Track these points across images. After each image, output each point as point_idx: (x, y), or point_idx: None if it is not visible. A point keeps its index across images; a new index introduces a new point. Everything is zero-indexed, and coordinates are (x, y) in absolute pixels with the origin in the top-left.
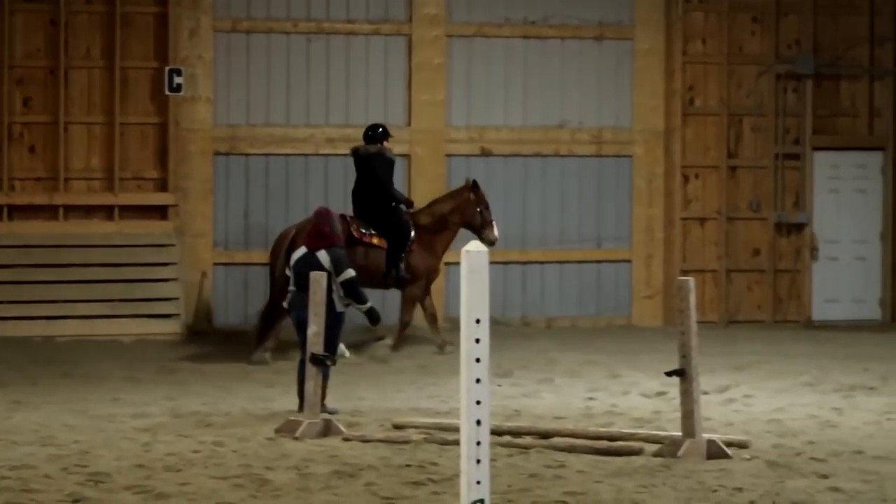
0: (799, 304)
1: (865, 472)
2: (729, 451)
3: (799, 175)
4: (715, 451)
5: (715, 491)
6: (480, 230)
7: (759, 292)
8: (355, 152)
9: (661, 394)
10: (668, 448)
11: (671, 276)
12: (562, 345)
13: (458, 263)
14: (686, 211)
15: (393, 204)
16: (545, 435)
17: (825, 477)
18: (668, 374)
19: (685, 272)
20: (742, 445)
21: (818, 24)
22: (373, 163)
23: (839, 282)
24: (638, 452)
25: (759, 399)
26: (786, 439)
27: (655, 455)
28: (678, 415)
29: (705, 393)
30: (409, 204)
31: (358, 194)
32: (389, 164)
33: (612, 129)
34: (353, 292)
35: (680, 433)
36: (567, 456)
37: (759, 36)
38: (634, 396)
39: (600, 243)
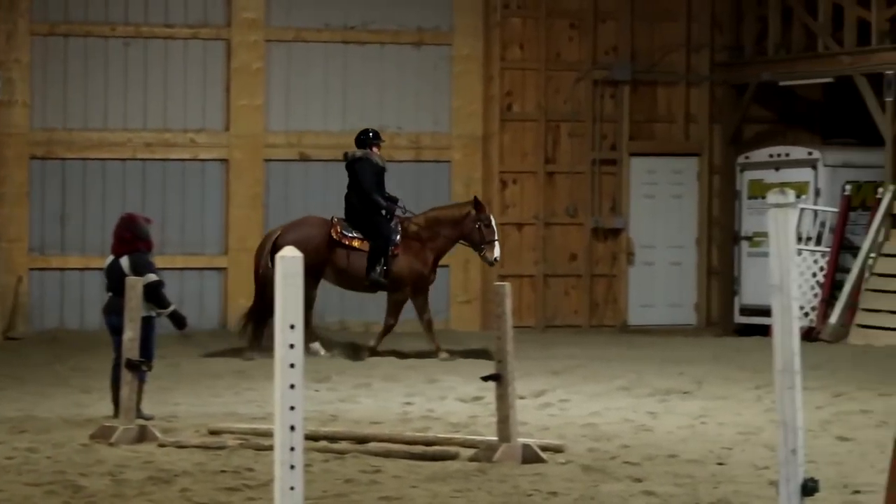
0: (615, 309)
1: (679, 475)
2: (544, 455)
3: (615, 180)
4: (530, 456)
5: (530, 495)
6: (478, 247)
7: (576, 297)
8: (345, 156)
9: (477, 398)
10: (484, 453)
11: (489, 281)
12: (380, 349)
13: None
14: (504, 216)
15: (375, 209)
16: (361, 440)
17: (639, 481)
18: (485, 378)
19: (502, 277)
20: (557, 450)
21: (635, 31)
22: (356, 167)
23: (655, 286)
24: (454, 457)
25: (575, 403)
26: (601, 443)
27: (471, 460)
28: (494, 419)
29: (521, 397)
30: (390, 210)
31: (347, 198)
32: (374, 169)
33: (430, 134)
34: (154, 296)
35: (496, 438)
36: (383, 461)
37: (576, 42)
38: (451, 401)
39: None
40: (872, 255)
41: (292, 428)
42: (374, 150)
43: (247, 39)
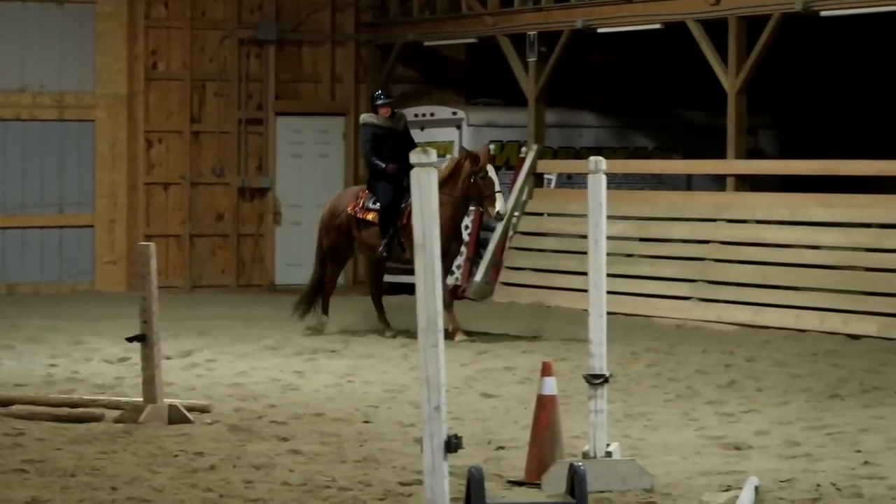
0: (262, 269)
1: (325, 434)
2: (191, 415)
3: (262, 140)
4: (176, 417)
5: (176, 456)
6: (479, 202)
7: (223, 257)
8: None
9: (123, 360)
10: (130, 414)
11: (134, 242)
12: (24, 311)
13: None
14: (150, 176)
15: (373, 174)
16: (5, 403)
17: (286, 440)
18: (130, 339)
19: (149, 237)
20: (204, 410)
21: None
22: (360, 132)
23: (302, 246)
24: (99, 419)
25: (222, 363)
26: (248, 403)
27: (117, 421)
28: (140, 381)
29: (168, 358)
30: (390, 174)
31: None
32: (373, 131)
33: (74, 93)
34: None
35: (141, 399)
36: (27, 423)
37: (221, 1)
38: (97, 363)
39: (63, 208)
40: (517, 213)
41: None
42: (382, 112)
43: None
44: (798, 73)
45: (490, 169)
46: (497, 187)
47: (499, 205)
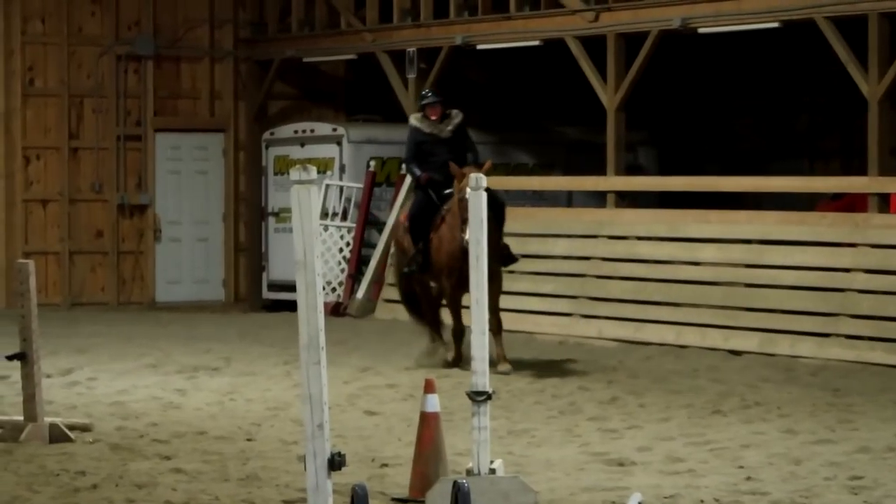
0: (143, 286)
1: (208, 452)
2: (72, 434)
3: (141, 156)
4: (58, 435)
5: (57, 475)
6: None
7: (103, 274)
8: None
9: (3, 378)
10: (10, 432)
11: (13, 259)
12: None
13: None
14: (28, 192)
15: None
16: None
17: (168, 458)
18: (10, 357)
19: (27, 254)
20: (85, 428)
21: (157, 6)
22: None
23: (182, 263)
24: None
25: (103, 381)
26: (129, 421)
27: None
28: (20, 399)
29: (48, 376)
30: (418, 180)
31: None
32: (415, 136)
33: None
34: None
35: (22, 417)
36: None
37: (99, 17)
38: None
39: None
40: None
41: None
42: (429, 112)
43: None
44: (676, 91)
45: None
46: (466, 213)
47: (467, 231)
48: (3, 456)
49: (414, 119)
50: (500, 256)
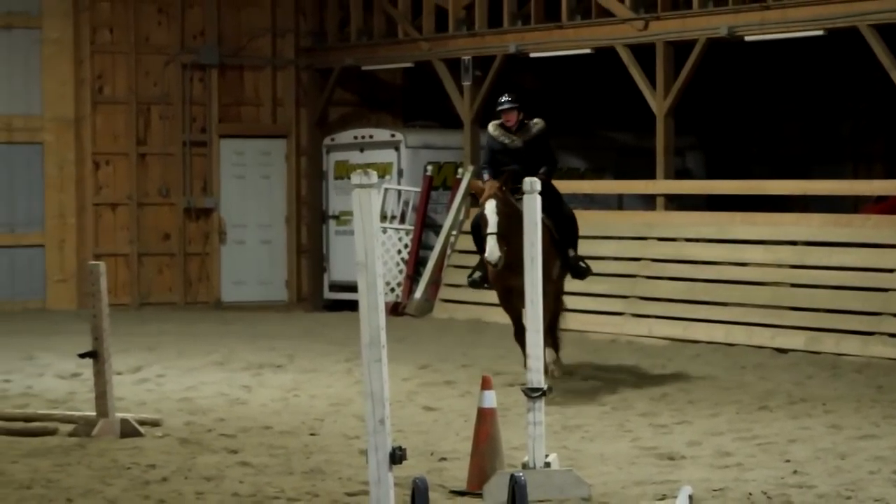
0: (209, 286)
1: (273, 446)
2: (142, 429)
3: (206, 161)
4: (128, 430)
5: (128, 468)
6: None
7: (170, 275)
8: None
9: (75, 375)
10: (83, 428)
11: (84, 261)
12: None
13: None
14: (98, 196)
15: None
16: None
17: (235, 452)
18: (82, 355)
19: (98, 256)
20: (154, 423)
21: (222, 16)
22: None
23: (246, 264)
24: (53, 433)
25: (171, 378)
26: (197, 417)
27: (70, 435)
28: (92, 395)
29: (118, 373)
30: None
31: None
32: (489, 144)
33: (22, 116)
34: None
35: (94, 413)
36: None
37: (165, 27)
38: (49, 378)
39: (14, 229)
40: (454, 232)
41: None
42: (505, 118)
43: None
44: (723, 97)
45: (489, 206)
46: (490, 228)
47: (487, 251)
48: (76, 450)
49: (491, 126)
50: (573, 270)
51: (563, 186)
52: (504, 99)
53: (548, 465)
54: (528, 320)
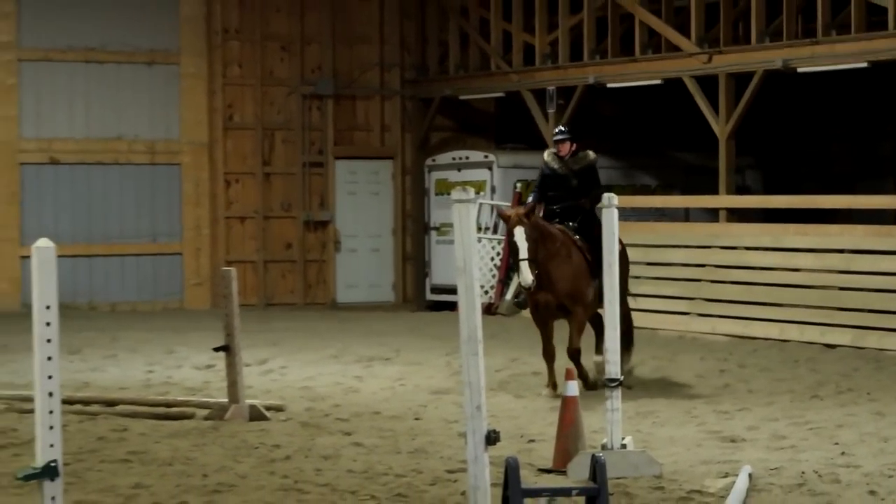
0: (325, 289)
1: (382, 429)
2: (268, 414)
3: (323, 180)
4: (256, 415)
5: (256, 448)
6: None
7: (292, 279)
8: None
9: (209, 366)
10: (216, 412)
11: (217, 266)
12: (123, 326)
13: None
14: (228, 211)
15: None
16: (111, 403)
17: (349, 434)
18: (216, 349)
19: (229, 263)
20: (279, 409)
21: (336, 52)
22: None
23: (358, 269)
24: (190, 417)
25: (293, 369)
26: (315, 403)
27: (206, 419)
28: (225, 384)
29: (247, 365)
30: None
31: None
32: (542, 171)
33: (163, 140)
34: None
35: (226, 400)
36: (130, 421)
37: (287, 62)
38: (187, 369)
39: (156, 238)
40: None
41: (50, 394)
42: (559, 148)
43: (1, 59)
44: (778, 121)
45: (517, 232)
46: (521, 254)
47: (520, 276)
48: (211, 432)
49: (546, 153)
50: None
51: (637, 202)
52: (558, 129)
53: (624, 446)
54: (605, 318)
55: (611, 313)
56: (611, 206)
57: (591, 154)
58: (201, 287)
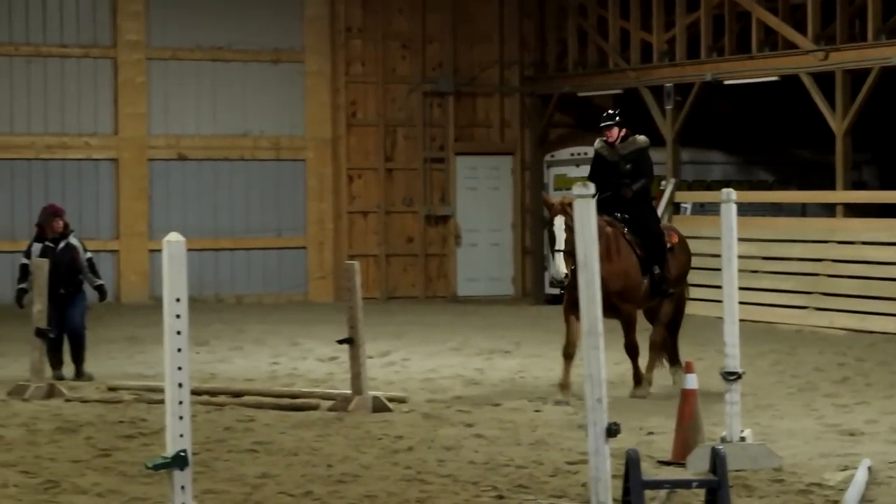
0: (446, 283)
1: (503, 421)
2: (391, 405)
3: (444, 175)
4: (379, 406)
5: (380, 439)
6: None
7: (413, 273)
8: None
9: (333, 359)
10: (340, 403)
11: (340, 260)
12: (249, 318)
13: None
14: (351, 205)
15: None
16: (237, 394)
17: (470, 426)
18: (340, 341)
19: (352, 257)
20: (401, 400)
21: (457, 51)
22: None
23: (478, 263)
24: (315, 408)
25: (415, 361)
26: (437, 394)
27: (330, 410)
28: (348, 376)
29: (370, 357)
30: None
31: None
32: (594, 158)
33: (288, 137)
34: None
35: (350, 391)
36: (256, 411)
37: (408, 60)
38: (311, 361)
39: (280, 233)
40: None
41: (180, 385)
42: (607, 134)
43: (131, 58)
44: (895, 117)
45: (557, 221)
46: (557, 245)
47: (552, 267)
48: (334, 423)
49: (597, 141)
50: (654, 288)
51: (754, 197)
52: (605, 114)
53: (743, 439)
54: (725, 311)
55: (729, 307)
56: (729, 201)
57: (641, 138)
58: (325, 280)
